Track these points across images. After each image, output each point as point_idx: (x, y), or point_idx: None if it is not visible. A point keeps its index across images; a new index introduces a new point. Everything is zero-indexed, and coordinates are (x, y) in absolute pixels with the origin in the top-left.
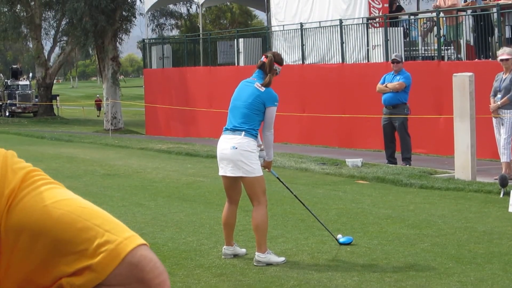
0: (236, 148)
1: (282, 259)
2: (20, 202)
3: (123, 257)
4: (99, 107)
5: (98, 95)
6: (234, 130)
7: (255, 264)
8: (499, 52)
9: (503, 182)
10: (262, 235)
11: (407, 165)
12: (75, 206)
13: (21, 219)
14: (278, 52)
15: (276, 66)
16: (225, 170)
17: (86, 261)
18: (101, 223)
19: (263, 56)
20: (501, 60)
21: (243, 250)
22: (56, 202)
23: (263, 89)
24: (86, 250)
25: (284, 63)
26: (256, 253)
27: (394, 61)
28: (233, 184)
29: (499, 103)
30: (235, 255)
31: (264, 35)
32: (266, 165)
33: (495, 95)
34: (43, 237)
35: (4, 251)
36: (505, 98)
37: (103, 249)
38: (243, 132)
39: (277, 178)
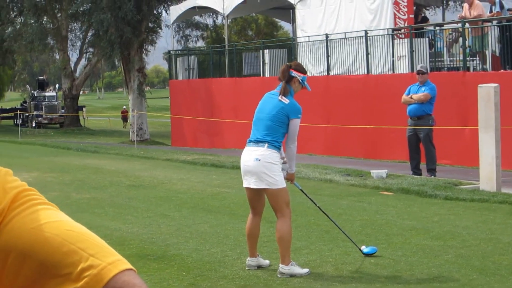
0: (259, 160)
1: (306, 270)
2: (9, 223)
3: (105, 282)
4: (125, 118)
5: (124, 107)
6: (258, 142)
7: (279, 276)
8: None
9: None
10: (286, 247)
11: (432, 176)
12: (62, 229)
13: (10, 240)
14: (304, 63)
15: (295, 73)
16: (248, 182)
17: (70, 285)
18: (87, 247)
19: None
20: None
21: (267, 262)
22: (44, 224)
23: (287, 101)
24: (70, 274)
25: (310, 74)
26: (280, 265)
27: (419, 72)
28: (256, 196)
29: None
30: (259, 267)
31: (289, 46)
32: (289, 178)
33: None
34: (30, 258)
35: None
36: None
37: (87, 273)
38: (266, 144)
39: (301, 190)
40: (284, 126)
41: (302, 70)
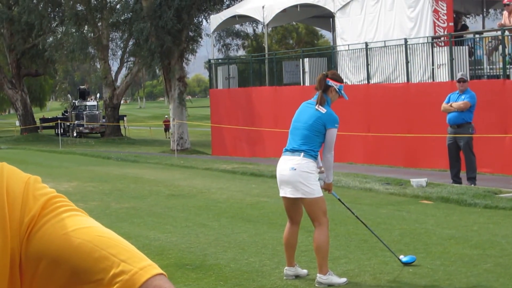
0: (295, 169)
1: (343, 280)
2: (40, 230)
3: (137, 287)
4: (167, 128)
5: (166, 116)
6: (294, 151)
7: (316, 285)
8: None
9: None
10: (323, 256)
11: (472, 185)
12: (93, 235)
13: (41, 246)
14: (344, 71)
15: (332, 82)
16: (285, 191)
17: None
18: (118, 252)
19: None
20: None
21: (305, 271)
22: (75, 230)
23: (324, 110)
24: (102, 280)
25: (350, 83)
26: (318, 274)
27: (460, 80)
28: (293, 205)
29: None
30: (297, 276)
31: (329, 55)
32: (326, 187)
33: None
34: (61, 265)
35: (25, 277)
36: None
37: (118, 279)
38: (302, 153)
39: (339, 199)
40: (320, 135)
41: (339, 79)
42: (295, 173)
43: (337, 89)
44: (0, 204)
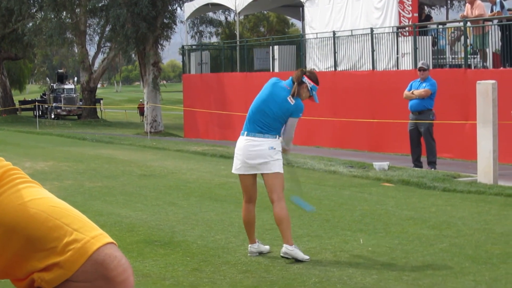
0: None
1: (306, 257)
2: None
3: (89, 255)
4: (142, 111)
5: (141, 100)
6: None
7: (281, 255)
8: None
9: None
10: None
11: (432, 169)
12: (47, 205)
13: None
14: (312, 59)
15: (307, 80)
16: None
17: (55, 258)
18: (71, 222)
19: None
20: None
21: (267, 247)
22: (30, 201)
23: (293, 102)
24: (55, 248)
25: (317, 70)
26: (284, 244)
27: (420, 69)
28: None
29: None
30: (260, 253)
31: (298, 43)
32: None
33: None
34: (16, 233)
35: None
36: None
37: (71, 247)
38: None
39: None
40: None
41: (314, 80)
42: None
43: (309, 88)
44: None
